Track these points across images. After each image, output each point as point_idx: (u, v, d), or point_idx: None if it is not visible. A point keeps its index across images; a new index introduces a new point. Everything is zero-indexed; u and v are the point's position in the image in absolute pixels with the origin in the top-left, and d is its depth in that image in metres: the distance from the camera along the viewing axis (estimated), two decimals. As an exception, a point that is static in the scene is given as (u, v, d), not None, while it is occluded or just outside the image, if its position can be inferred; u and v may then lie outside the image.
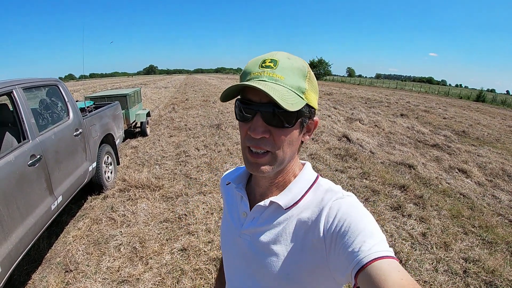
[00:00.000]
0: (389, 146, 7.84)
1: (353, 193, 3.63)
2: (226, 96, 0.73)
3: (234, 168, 1.00)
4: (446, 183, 5.36)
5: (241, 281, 0.84)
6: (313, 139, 7.90)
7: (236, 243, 0.84)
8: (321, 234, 0.69)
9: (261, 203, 0.78)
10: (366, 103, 18.27)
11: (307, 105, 0.70)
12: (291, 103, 0.64)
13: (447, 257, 3.23)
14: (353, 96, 22.60)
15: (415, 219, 3.94)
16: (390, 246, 2.16)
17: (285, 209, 0.76)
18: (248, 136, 0.71)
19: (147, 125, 8.76)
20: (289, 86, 0.67)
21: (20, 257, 2.51)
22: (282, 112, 0.66)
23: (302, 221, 0.74)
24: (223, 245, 0.93)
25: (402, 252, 3.20)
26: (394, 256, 0.60)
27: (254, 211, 0.81)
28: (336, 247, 0.65)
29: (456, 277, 2.96)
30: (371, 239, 0.61)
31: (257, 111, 0.68)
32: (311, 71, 0.72)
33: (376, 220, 2.45)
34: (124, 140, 7.23)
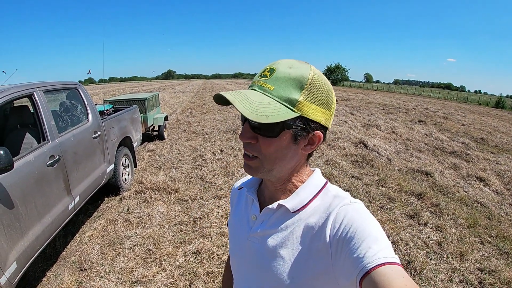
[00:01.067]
0: (407, 153, 7.70)
1: (369, 200, 3.59)
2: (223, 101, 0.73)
3: (246, 176, 1.01)
4: (464, 191, 5.22)
5: (248, 284, 0.85)
6: (329, 145, 7.85)
7: (244, 246, 0.85)
8: (327, 240, 0.69)
9: (270, 206, 0.79)
10: (383, 109, 18.07)
11: (303, 117, 0.68)
12: (265, 114, 0.63)
13: (462, 267, 3.15)
14: (370, 102, 22.40)
15: (431, 228, 3.85)
16: (404, 255, 2.14)
17: (293, 213, 0.77)
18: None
19: (164, 129, 8.88)
20: (276, 97, 0.67)
21: (36, 255, 2.57)
22: (264, 123, 0.65)
23: (309, 226, 0.74)
24: (232, 249, 0.94)
25: (417, 261, 3.12)
26: (399, 263, 0.60)
27: (263, 214, 0.82)
28: (342, 252, 0.65)
29: (471, 288, 2.88)
30: (376, 245, 0.61)
31: (246, 118, 0.69)
32: (316, 82, 0.69)
33: (392, 228, 2.43)
34: (142, 143, 7.34)
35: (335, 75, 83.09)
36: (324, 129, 0.74)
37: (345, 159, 6.67)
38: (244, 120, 0.71)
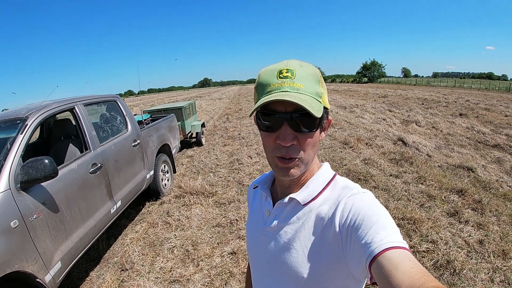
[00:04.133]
0: (447, 148, 7.34)
1: (408, 199, 3.48)
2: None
3: (260, 176, 1.03)
4: (507, 186, 4.86)
5: (264, 280, 0.87)
6: (367, 143, 7.68)
7: (260, 242, 0.88)
8: (337, 229, 0.71)
9: (282, 200, 0.83)
10: (423, 104, 17.30)
11: (324, 107, 0.73)
12: (317, 109, 0.68)
13: (504, 266, 2.93)
14: (409, 98, 21.53)
15: (472, 226, 3.63)
16: (444, 255, 2.10)
17: (303, 205, 0.79)
18: (277, 145, 0.73)
19: (202, 135, 9.10)
20: (309, 93, 0.70)
21: (80, 255, 2.76)
22: (307, 119, 0.69)
23: (320, 217, 0.76)
24: (249, 246, 0.97)
25: (457, 261, 2.95)
26: (407, 247, 0.61)
27: (276, 209, 0.85)
28: (351, 240, 0.67)
29: (513, 288, 2.68)
30: (384, 231, 0.63)
31: (284, 120, 0.71)
32: (321, 74, 0.76)
33: (431, 227, 2.39)
34: (180, 150, 7.55)
35: (371, 72, 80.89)
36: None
37: (383, 158, 6.48)
38: (281, 124, 0.71)
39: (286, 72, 0.71)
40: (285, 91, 0.69)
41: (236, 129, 11.13)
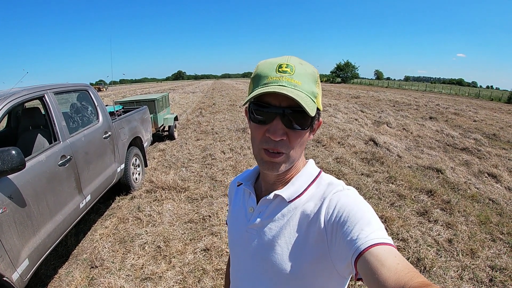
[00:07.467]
0: (417, 150, 7.62)
1: (379, 197, 3.57)
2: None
3: (242, 172, 1.03)
4: (475, 188, 5.14)
5: (247, 277, 0.86)
6: (339, 142, 7.82)
7: (243, 239, 0.86)
8: (322, 226, 0.71)
9: (266, 197, 0.81)
10: (394, 106, 17.91)
11: (317, 108, 0.73)
12: (311, 108, 0.67)
13: (473, 264, 3.10)
14: (381, 99, 22.23)
15: (441, 225, 3.80)
16: (414, 252, 2.16)
17: (288, 202, 0.79)
18: (265, 138, 0.72)
19: (174, 129, 8.96)
20: (305, 91, 0.69)
21: (48, 252, 2.63)
22: (300, 116, 0.69)
23: (305, 214, 0.76)
24: (231, 243, 0.95)
25: (427, 259, 3.08)
26: (392, 243, 0.62)
27: (260, 205, 0.84)
28: (337, 237, 0.67)
29: (482, 286, 2.83)
30: (369, 227, 0.63)
31: (276, 114, 0.70)
32: (319, 76, 0.76)
33: (401, 226, 2.44)
34: (152, 143, 7.41)
35: (345, 72, 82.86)
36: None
37: (354, 157, 6.63)
38: (273, 118, 0.71)
39: (286, 67, 0.71)
40: (282, 85, 0.68)
41: (210, 124, 11.06)
